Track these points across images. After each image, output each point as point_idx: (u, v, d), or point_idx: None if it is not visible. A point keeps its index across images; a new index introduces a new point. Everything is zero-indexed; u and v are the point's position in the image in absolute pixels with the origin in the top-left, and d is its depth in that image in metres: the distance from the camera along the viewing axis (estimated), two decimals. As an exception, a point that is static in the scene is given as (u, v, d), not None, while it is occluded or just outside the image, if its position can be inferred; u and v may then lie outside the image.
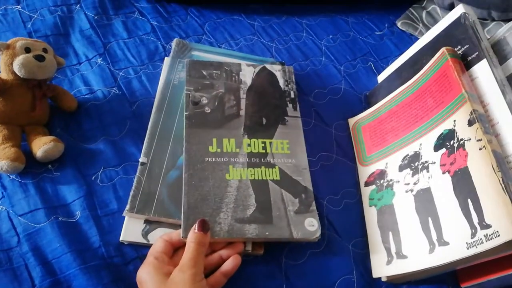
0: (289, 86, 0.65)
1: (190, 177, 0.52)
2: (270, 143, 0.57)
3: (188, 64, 0.62)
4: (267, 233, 0.49)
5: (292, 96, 0.64)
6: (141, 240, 0.50)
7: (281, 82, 0.65)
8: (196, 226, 0.46)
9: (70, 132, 0.58)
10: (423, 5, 0.91)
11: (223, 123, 0.58)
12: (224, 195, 0.51)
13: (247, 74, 0.64)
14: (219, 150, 0.55)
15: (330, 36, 0.83)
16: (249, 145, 0.56)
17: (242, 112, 0.60)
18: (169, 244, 0.47)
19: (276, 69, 0.66)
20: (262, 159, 0.55)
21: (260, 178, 0.54)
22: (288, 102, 0.63)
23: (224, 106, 0.59)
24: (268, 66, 0.66)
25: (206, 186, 0.51)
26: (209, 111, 0.58)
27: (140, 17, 0.76)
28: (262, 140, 0.57)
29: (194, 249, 0.44)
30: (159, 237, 0.48)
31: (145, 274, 0.43)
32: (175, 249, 0.48)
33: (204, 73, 0.62)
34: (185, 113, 0.57)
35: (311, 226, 0.51)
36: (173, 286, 0.41)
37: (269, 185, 0.53)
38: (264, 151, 0.56)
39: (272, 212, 0.51)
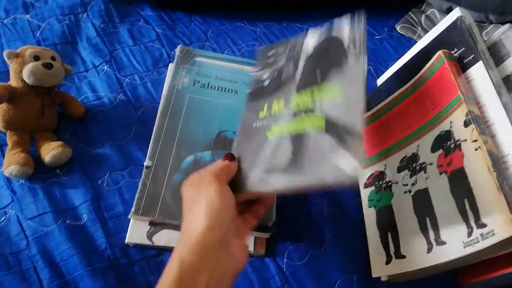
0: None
1: (238, 145, 0.51)
2: (319, 90, 0.49)
3: (258, 52, 0.61)
4: (299, 180, 0.43)
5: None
6: (146, 241, 0.51)
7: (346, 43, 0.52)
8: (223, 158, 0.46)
9: (78, 138, 0.60)
10: (422, 9, 0.92)
11: (279, 88, 0.54)
12: (260, 151, 0.48)
13: (310, 43, 0.56)
14: (267, 114, 0.52)
15: (331, 41, 0.84)
16: (297, 100, 0.50)
17: (298, 74, 0.54)
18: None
19: (344, 31, 0.52)
20: (308, 111, 0.48)
21: (302, 129, 0.47)
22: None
23: (282, 75, 0.56)
24: (335, 25, 0.54)
25: (248, 149, 0.49)
26: (267, 83, 0.56)
27: (145, 25, 0.78)
28: (311, 90, 0.50)
29: (222, 165, 0.44)
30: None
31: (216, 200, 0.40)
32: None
33: (269, 54, 0.60)
34: (246, 91, 0.57)
35: (347, 166, 0.41)
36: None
37: (310, 135, 0.46)
38: (311, 99, 0.49)
39: (305, 160, 0.44)
